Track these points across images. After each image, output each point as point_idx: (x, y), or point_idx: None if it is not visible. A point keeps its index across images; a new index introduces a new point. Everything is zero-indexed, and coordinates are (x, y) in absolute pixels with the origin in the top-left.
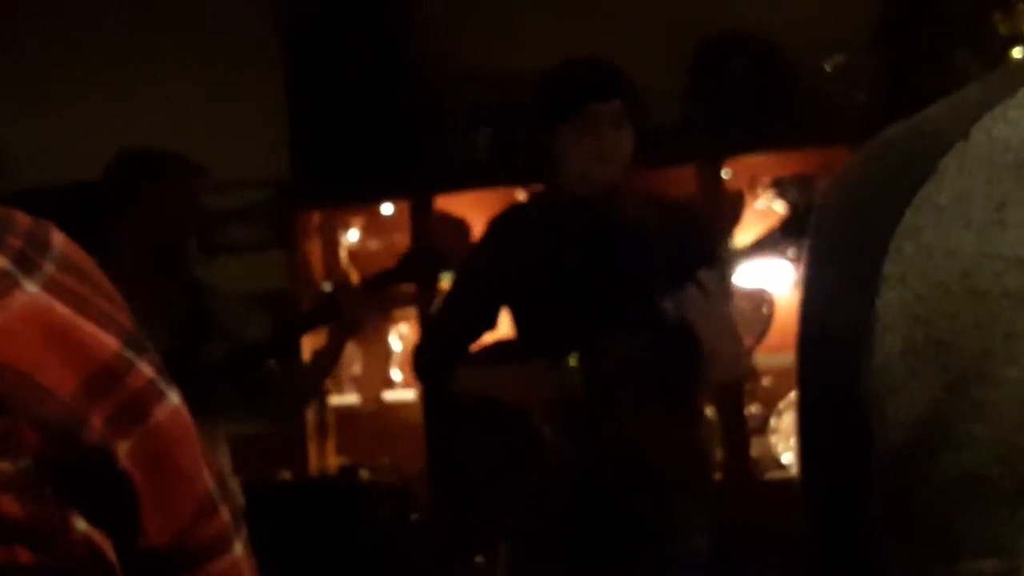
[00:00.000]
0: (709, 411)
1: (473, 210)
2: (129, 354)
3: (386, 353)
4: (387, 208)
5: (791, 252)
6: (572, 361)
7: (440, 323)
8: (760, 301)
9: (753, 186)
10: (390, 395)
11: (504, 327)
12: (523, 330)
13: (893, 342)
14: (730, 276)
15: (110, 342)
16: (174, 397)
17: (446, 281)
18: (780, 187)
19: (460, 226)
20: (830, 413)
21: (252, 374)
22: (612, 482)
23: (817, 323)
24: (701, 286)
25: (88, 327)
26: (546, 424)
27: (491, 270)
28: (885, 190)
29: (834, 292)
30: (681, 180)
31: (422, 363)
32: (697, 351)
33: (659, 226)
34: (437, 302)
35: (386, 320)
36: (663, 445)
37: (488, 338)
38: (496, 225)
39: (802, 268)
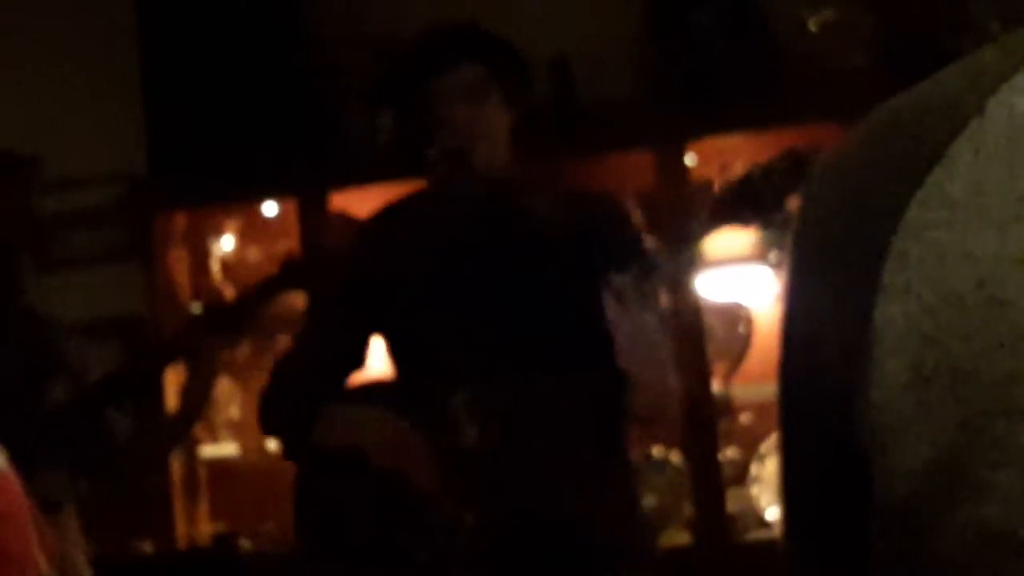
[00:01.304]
0: (675, 456)
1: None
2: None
3: None
4: (269, 208)
5: (772, 255)
6: (461, 402)
7: (293, 361)
8: (735, 318)
9: (724, 174)
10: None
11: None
12: (400, 367)
13: (896, 369)
14: (684, 281)
15: (43, 563)
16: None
17: None
18: (754, 170)
19: None
20: (820, 459)
21: (102, 420)
22: (522, 555)
23: (802, 346)
24: (616, 292)
25: (39, 557)
26: (436, 485)
27: (357, 291)
28: (884, 179)
29: (822, 307)
30: (635, 169)
31: (271, 415)
32: (622, 381)
33: (563, 224)
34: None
35: (269, 347)
36: (584, 504)
37: (356, 379)
38: (361, 235)
39: (784, 276)
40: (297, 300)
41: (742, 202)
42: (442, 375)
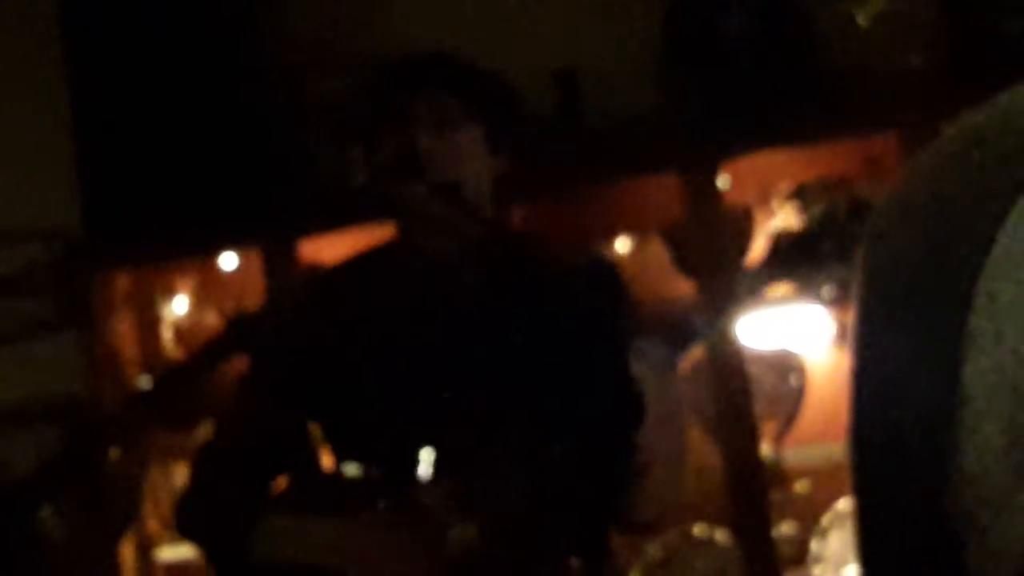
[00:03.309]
0: (721, 534)
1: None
2: None
3: None
4: (228, 260)
5: (825, 291)
6: (444, 495)
7: (219, 451)
8: (784, 368)
9: (765, 198)
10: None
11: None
12: (360, 455)
13: (991, 433)
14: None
15: None
16: None
17: None
18: (804, 198)
19: None
20: (903, 537)
21: (33, 524)
22: None
23: (877, 407)
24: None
25: None
26: None
27: (295, 368)
28: (965, 209)
29: (899, 361)
30: (658, 196)
31: (194, 518)
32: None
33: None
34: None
35: None
36: None
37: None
38: (307, 296)
39: (851, 321)
40: None
41: (799, 260)
42: (419, 463)
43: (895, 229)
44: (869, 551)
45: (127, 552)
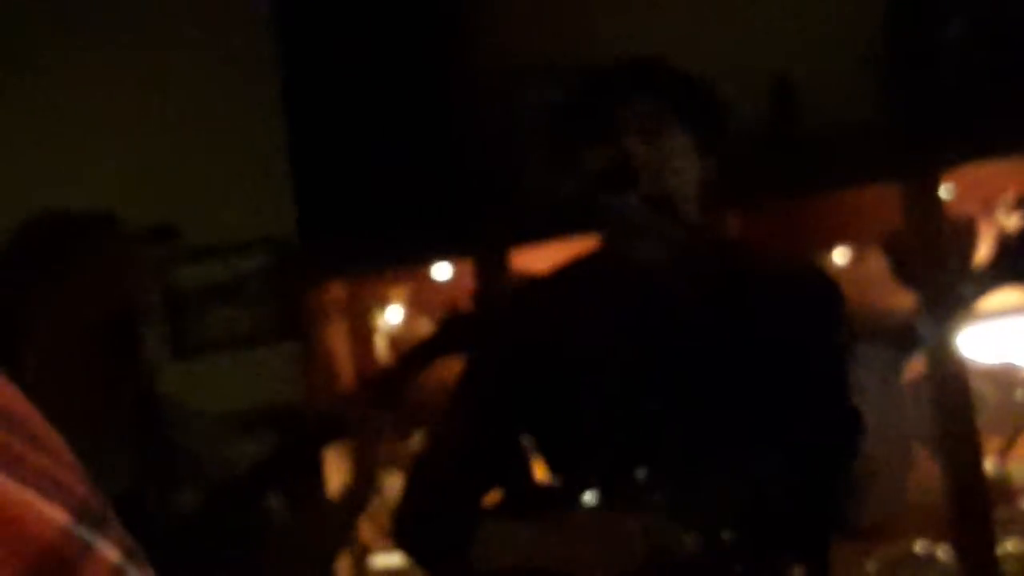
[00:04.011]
0: (943, 551)
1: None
2: (84, 532)
3: None
4: (441, 271)
5: None
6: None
7: (435, 466)
8: (1010, 382)
9: (989, 208)
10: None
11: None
12: (559, 467)
13: None
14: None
15: (56, 516)
16: None
17: None
18: None
19: None
20: None
21: (250, 522)
22: None
23: None
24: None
25: (23, 496)
26: None
27: (510, 378)
28: None
29: None
30: (879, 206)
31: (412, 530)
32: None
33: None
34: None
35: None
36: None
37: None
38: (519, 304)
39: None
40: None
41: None
42: (636, 475)
43: None
44: None
45: (342, 558)
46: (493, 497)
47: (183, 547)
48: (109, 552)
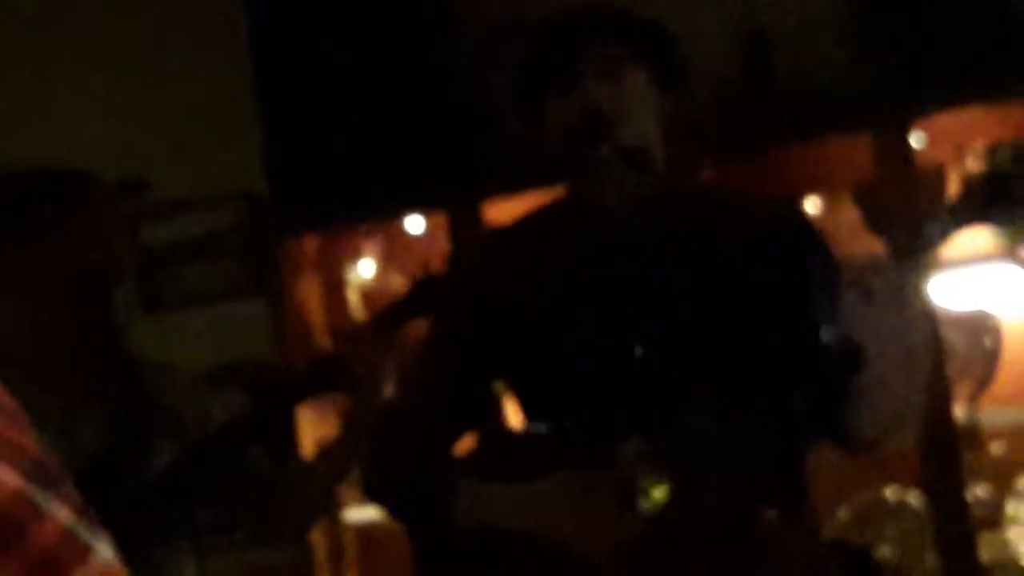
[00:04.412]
0: (913, 496)
1: None
2: (35, 493)
3: None
4: (414, 224)
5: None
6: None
7: (407, 414)
8: (979, 329)
9: (960, 157)
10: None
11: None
12: (543, 415)
13: None
14: (917, 267)
15: (7, 478)
16: (104, 551)
17: None
18: (1000, 156)
19: None
20: None
21: (228, 477)
22: None
23: None
24: (864, 285)
25: None
26: (614, 563)
27: (481, 328)
28: None
29: None
30: (850, 156)
31: (382, 481)
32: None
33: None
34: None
35: None
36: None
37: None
38: (488, 256)
39: None
40: None
41: (990, 200)
42: (609, 422)
43: None
44: None
45: None
46: (466, 445)
47: (161, 502)
48: (61, 513)
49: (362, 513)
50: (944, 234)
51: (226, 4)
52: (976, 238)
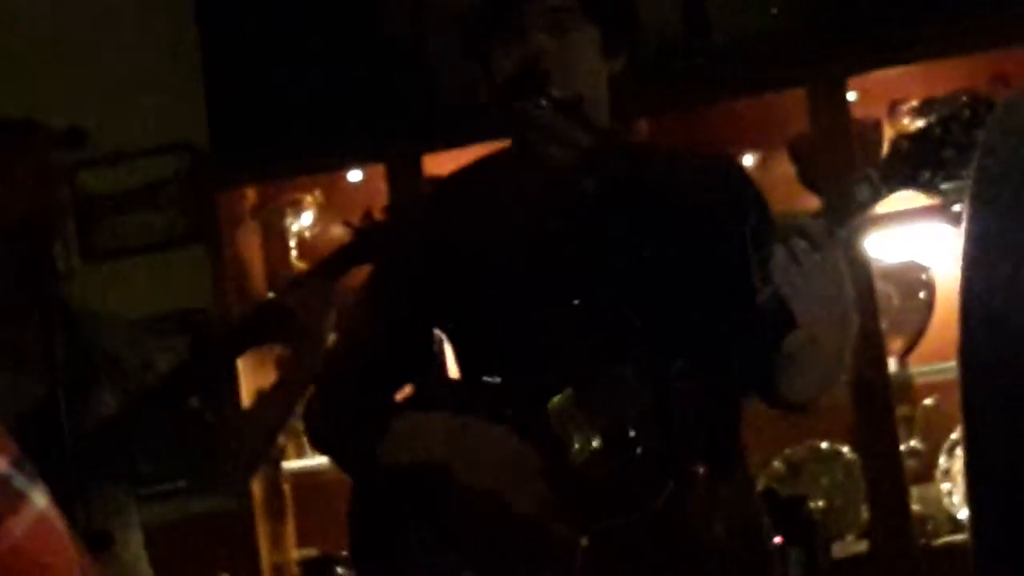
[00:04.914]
0: (847, 450)
1: None
2: None
3: None
4: (353, 175)
5: (956, 209)
6: (570, 404)
7: (349, 360)
8: (913, 284)
9: (895, 113)
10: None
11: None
12: (480, 364)
13: None
14: (844, 227)
15: None
16: (38, 499)
17: None
18: (933, 112)
19: None
20: (1011, 453)
21: (168, 426)
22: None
23: (985, 325)
24: (795, 244)
25: None
26: (544, 506)
27: (428, 271)
28: None
29: (1009, 279)
30: (786, 111)
31: (324, 426)
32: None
33: (690, 190)
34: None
35: None
36: (712, 526)
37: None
38: (435, 201)
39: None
40: None
41: (920, 163)
42: (544, 372)
43: (1003, 146)
44: (976, 470)
45: None
46: (404, 394)
47: (103, 451)
48: None
49: (303, 462)
50: (874, 196)
51: None
52: (908, 194)
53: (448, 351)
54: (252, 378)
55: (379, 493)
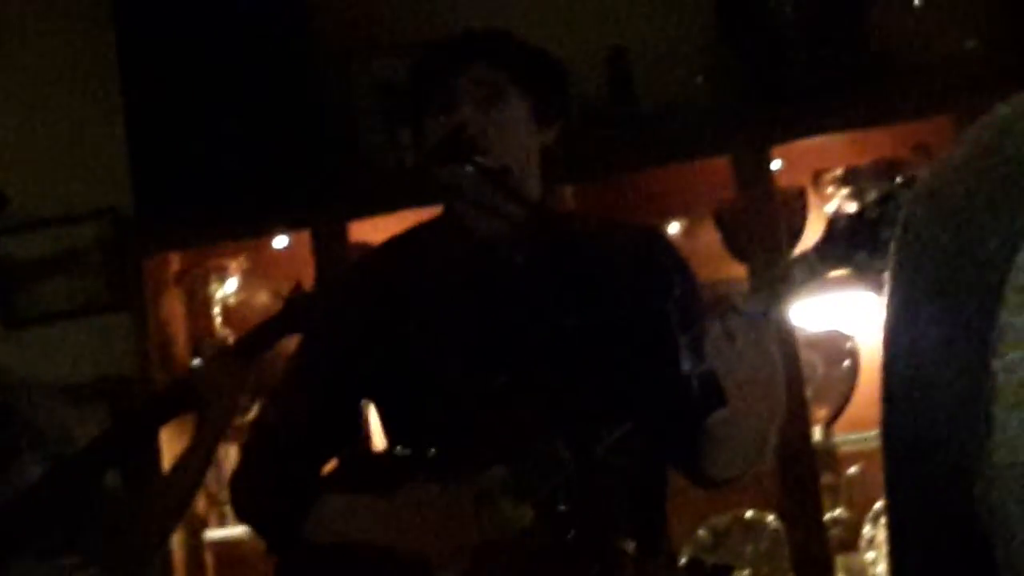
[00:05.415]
0: (771, 519)
1: None
2: None
3: None
4: (279, 241)
5: (881, 279)
6: (491, 479)
7: (276, 431)
8: (838, 352)
9: (819, 182)
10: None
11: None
12: (411, 437)
13: (1020, 427)
14: (778, 306)
15: None
16: None
17: None
18: (856, 181)
19: None
20: (932, 535)
21: (83, 497)
22: None
23: (906, 400)
24: (730, 323)
25: None
26: None
27: (356, 342)
28: (997, 199)
29: (928, 354)
30: (710, 179)
31: (249, 498)
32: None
33: (619, 262)
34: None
35: None
36: None
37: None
38: (358, 275)
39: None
40: None
41: (857, 243)
42: (473, 446)
43: (928, 218)
44: (899, 546)
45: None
46: (329, 466)
47: (17, 522)
48: None
49: (224, 531)
50: (809, 275)
51: (93, 18)
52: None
53: (374, 421)
54: (174, 449)
55: (303, 570)
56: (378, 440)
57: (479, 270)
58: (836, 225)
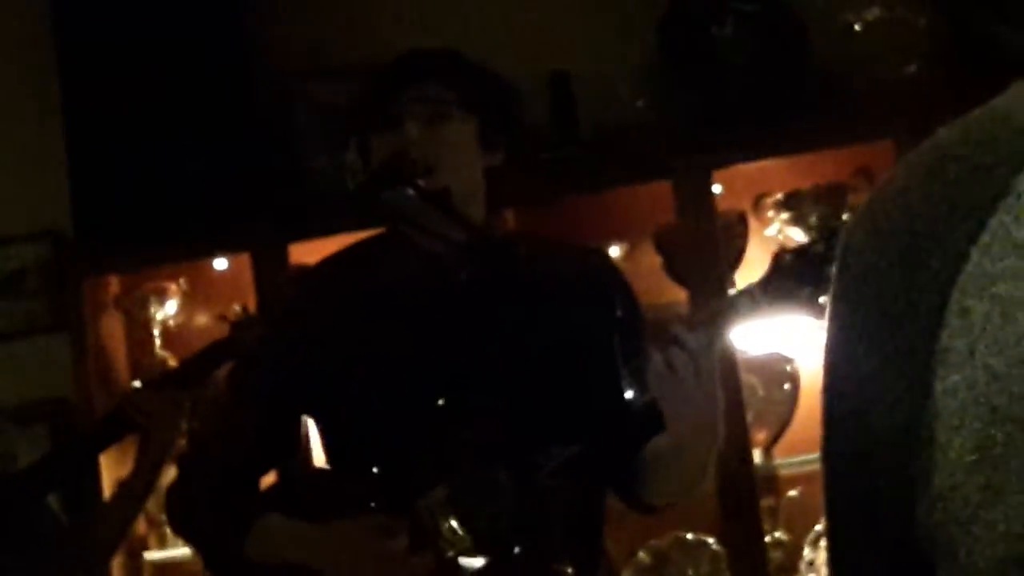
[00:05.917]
0: (712, 541)
1: None
2: None
3: None
4: (219, 263)
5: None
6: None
7: (212, 447)
8: (778, 375)
9: (759, 206)
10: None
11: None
12: (348, 458)
13: (961, 449)
14: (721, 337)
15: None
16: None
17: None
18: (797, 205)
19: None
20: (874, 553)
21: (24, 521)
22: None
23: (847, 423)
24: (672, 353)
25: None
26: None
27: (293, 362)
28: (937, 223)
29: (870, 377)
30: (652, 203)
31: (186, 513)
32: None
33: (561, 282)
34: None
35: None
36: None
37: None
38: (298, 292)
39: (825, 339)
40: None
41: (802, 279)
42: (414, 467)
43: (866, 244)
44: (839, 569)
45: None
46: (267, 481)
47: None
48: None
49: (164, 553)
50: (753, 309)
51: (33, 41)
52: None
53: (314, 436)
54: (114, 473)
55: None
56: (317, 454)
57: (422, 289)
58: (782, 260)
